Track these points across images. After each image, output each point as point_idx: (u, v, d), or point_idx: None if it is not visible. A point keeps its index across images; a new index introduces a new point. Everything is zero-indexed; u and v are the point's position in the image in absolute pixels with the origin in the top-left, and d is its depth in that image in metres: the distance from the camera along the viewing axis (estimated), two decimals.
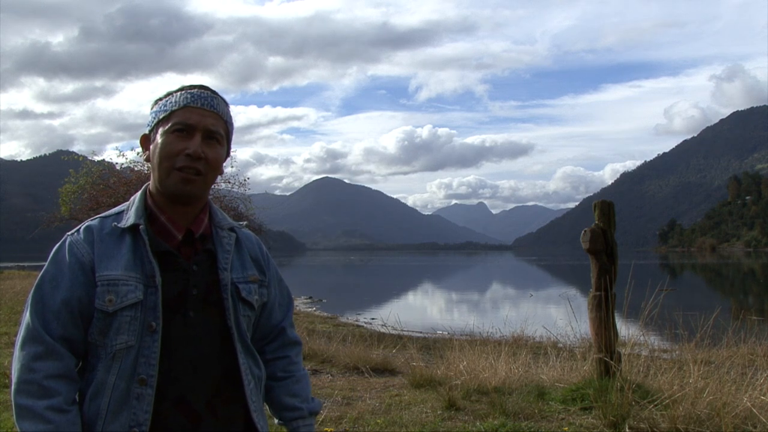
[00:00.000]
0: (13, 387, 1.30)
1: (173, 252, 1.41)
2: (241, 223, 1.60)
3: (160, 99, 1.48)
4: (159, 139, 1.42)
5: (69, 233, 1.42)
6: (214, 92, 1.48)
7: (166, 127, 1.41)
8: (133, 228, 1.39)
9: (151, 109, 1.48)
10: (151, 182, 1.48)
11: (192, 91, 1.45)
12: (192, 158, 1.39)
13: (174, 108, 1.42)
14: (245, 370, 1.45)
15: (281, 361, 1.61)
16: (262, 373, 1.52)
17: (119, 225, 1.40)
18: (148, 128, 1.48)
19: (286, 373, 1.60)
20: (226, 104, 1.51)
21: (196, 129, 1.41)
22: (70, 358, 1.33)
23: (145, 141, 1.49)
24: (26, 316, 1.34)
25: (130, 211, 1.43)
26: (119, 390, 1.32)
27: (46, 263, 1.39)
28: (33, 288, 1.37)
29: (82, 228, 1.41)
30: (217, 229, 1.51)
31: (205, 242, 1.48)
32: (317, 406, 1.63)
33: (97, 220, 1.43)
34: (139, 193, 1.47)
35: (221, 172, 1.51)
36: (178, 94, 1.45)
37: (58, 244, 1.40)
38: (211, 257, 1.47)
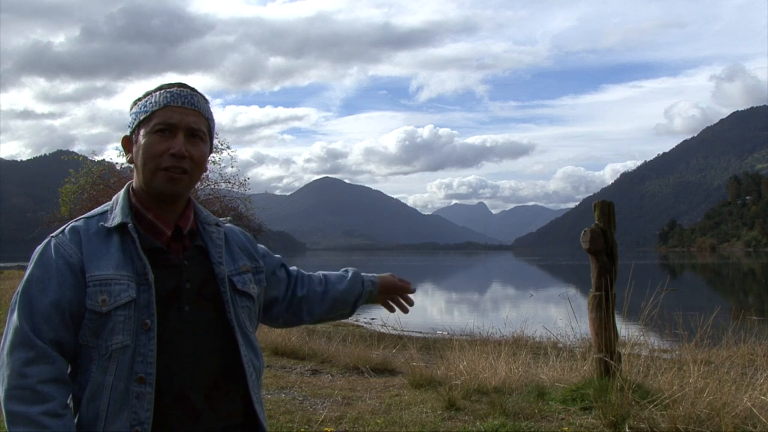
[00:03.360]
0: (2, 394, 1.27)
1: (163, 248, 1.41)
2: (224, 218, 1.62)
3: (140, 99, 1.46)
4: (142, 140, 1.41)
5: (53, 234, 1.39)
6: (193, 89, 1.47)
7: (148, 127, 1.41)
8: (121, 227, 1.38)
9: (131, 110, 1.47)
10: (134, 181, 1.47)
11: (171, 89, 1.44)
12: (176, 158, 1.39)
13: (155, 108, 1.41)
14: (247, 362, 1.45)
15: (311, 283, 1.74)
16: (261, 364, 1.53)
17: (106, 225, 1.39)
18: (129, 130, 1.46)
19: (321, 283, 1.75)
20: (207, 101, 1.50)
21: (179, 128, 1.40)
22: (62, 362, 1.31)
23: (127, 143, 1.48)
24: (13, 321, 1.30)
25: (115, 210, 1.42)
26: (118, 390, 1.30)
27: (31, 265, 1.36)
28: (19, 291, 1.33)
29: (67, 229, 1.39)
30: (204, 225, 1.52)
31: (194, 238, 1.48)
32: (351, 269, 1.81)
33: (81, 220, 1.42)
34: (121, 192, 1.46)
35: (206, 169, 1.52)
36: (158, 93, 1.44)
37: (41, 246, 1.38)
38: (201, 253, 1.47)
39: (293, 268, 1.75)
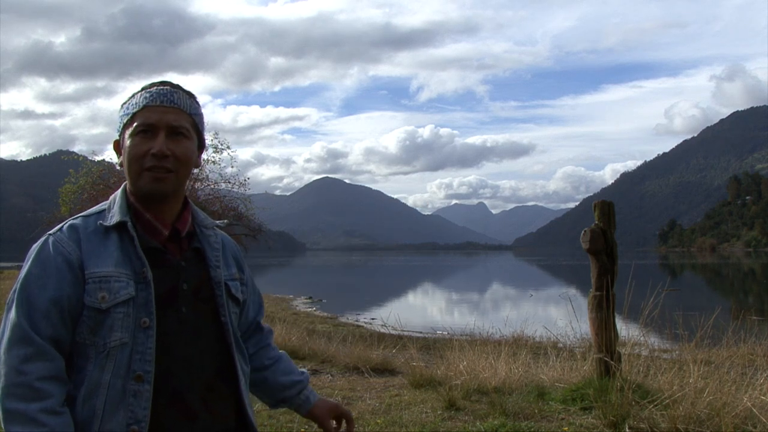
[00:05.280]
0: None
1: (161, 248, 1.41)
2: (222, 221, 1.62)
3: (125, 103, 1.47)
4: (126, 142, 1.42)
5: (50, 232, 1.39)
6: (175, 86, 1.46)
7: (131, 129, 1.41)
8: (119, 225, 1.38)
9: (119, 114, 1.48)
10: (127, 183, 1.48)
11: (151, 89, 1.44)
12: (158, 157, 1.38)
13: (135, 110, 1.42)
14: (239, 366, 1.48)
15: (264, 351, 1.67)
16: (248, 369, 1.55)
17: (104, 223, 1.39)
18: (118, 133, 1.47)
19: (271, 359, 1.68)
20: (191, 96, 1.48)
21: (159, 127, 1.40)
22: (60, 359, 1.29)
23: (117, 146, 1.49)
24: (11, 318, 1.29)
25: (113, 209, 1.42)
26: (115, 389, 1.29)
27: (28, 263, 1.35)
28: (17, 289, 1.32)
29: (65, 227, 1.39)
30: (201, 227, 1.52)
31: (192, 240, 1.49)
32: (307, 374, 1.75)
33: (79, 218, 1.41)
34: (119, 192, 1.46)
35: (197, 165, 1.51)
36: (139, 95, 1.45)
37: (39, 244, 1.37)
38: (198, 255, 1.48)
39: (265, 326, 1.71)
